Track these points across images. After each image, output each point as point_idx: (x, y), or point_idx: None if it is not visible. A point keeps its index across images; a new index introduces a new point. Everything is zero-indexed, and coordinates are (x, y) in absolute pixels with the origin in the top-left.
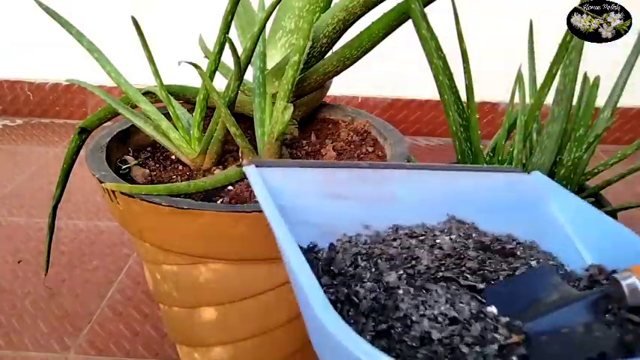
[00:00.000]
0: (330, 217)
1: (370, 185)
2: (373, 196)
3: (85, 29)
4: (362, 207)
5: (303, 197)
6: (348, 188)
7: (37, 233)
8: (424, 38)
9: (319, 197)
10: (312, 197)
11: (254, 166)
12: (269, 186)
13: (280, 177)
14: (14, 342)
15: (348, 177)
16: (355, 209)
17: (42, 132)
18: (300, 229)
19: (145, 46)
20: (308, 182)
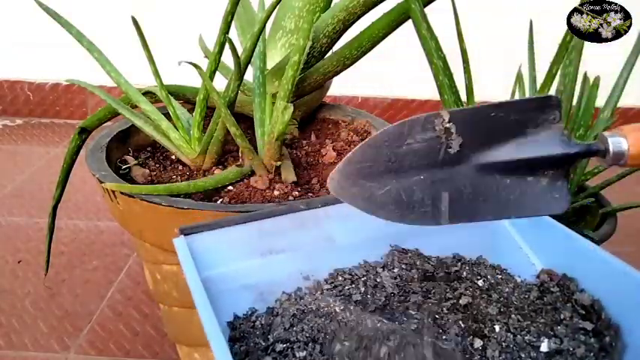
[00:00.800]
0: (268, 275)
1: (308, 230)
2: (311, 242)
3: (85, 29)
4: (300, 257)
5: (237, 260)
6: (284, 239)
7: (37, 233)
8: (424, 38)
9: (254, 257)
10: (247, 258)
11: (182, 237)
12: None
13: (212, 241)
14: (14, 342)
15: (284, 225)
16: (293, 261)
17: (42, 132)
18: (237, 296)
19: (145, 46)
20: (242, 240)
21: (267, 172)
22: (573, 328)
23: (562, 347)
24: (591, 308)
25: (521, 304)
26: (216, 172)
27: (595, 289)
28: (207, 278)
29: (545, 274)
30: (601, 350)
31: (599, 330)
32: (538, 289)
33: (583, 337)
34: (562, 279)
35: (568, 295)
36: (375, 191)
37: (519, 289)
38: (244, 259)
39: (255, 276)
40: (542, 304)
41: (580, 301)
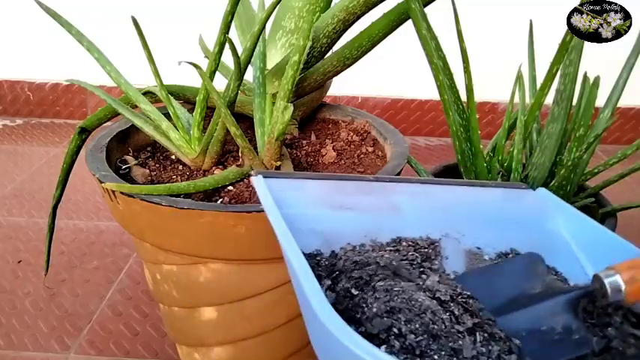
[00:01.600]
0: (335, 226)
1: (374, 197)
2: (377, 207)
3: (85, 29)
4: (366, 218)
5: (308, 207)
6: (352, 199)
7: (37, 233)
8: (424, 38)
9: (324, 207)
10: (317, 207)
11: (261, 177)
12: (275, 195)
13: (286, 187)
14: (14, 342)
15: (353, 189)
16: (359, 220)
17: (42, 132)
18: (305, 237)
19: (145, 46)
20: (313, 193)
21: None
22: (623, 333)
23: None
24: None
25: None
26: (216, 172)
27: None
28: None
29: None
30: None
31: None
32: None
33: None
34: None
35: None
36: None
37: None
38: (315, 207)
39: (324, 224)
40: (593, 307)
41: (632, 309)
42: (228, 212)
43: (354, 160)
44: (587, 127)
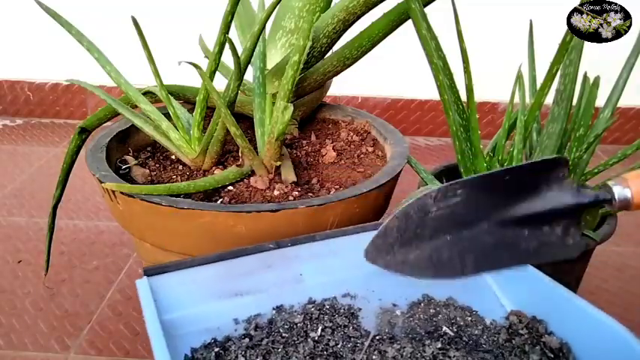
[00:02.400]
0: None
1: (275, 270)
2: (279, 283)
3: (85, 29)
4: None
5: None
6: (250, 279)
7: (37, 233)
8: (424, 38)
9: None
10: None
11: (145, 279)
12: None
13: (176, 282)
14: (14, 342)
15: (253, 263)
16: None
17: (42, 132)
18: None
19: (145, 46)
20: (207, 282)
21: (267, 172)
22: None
23: None
24: (560, 352)
25: (490, 347)
26: (216, 172)
27: (563, 332)
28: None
29: (514, 316)
30: None
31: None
32: (507, 332)
33: None
34: (531, 321)
35: (537, 337)
36: (407, 256)
37: (488, 331)
38: (208, 302)
39: (219, 319)
40: (511, 346)
41: (548, 343)
42: (228, 212)
43: (354, 160)
44: (587, 127)
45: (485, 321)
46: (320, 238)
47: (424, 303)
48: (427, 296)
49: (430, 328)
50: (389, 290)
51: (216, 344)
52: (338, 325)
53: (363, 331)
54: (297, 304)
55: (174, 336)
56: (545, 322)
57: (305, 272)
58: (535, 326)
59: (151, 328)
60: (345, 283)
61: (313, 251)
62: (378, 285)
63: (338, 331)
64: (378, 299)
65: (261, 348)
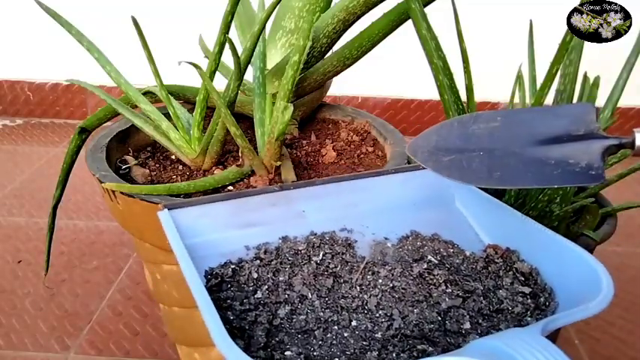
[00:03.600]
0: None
1: (279, 208)
2: (282, 218)
3: (85, 29)
4: (271, 230)
5: (215, 232)
6: (257, 214)
7: (37, 233)
8: (424, 38)
9: (230, 229)
10: (224, 230)
11: (166, 210)
12: (183, 226)
13: (193, 215)
14: (14, 342)
15: (259, 202)
16: (265, 233)
17: (42, 132)
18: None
19: (145, 46)
20: (219, 215)
21: (267, 172)
22: (513, 292)
23: (502, 307)
24: (529, 275)
25: (468, 272)
26: (216, 172)
27: (533, 259)
28: (187, 245)
29: (490, 249)
30: (536, 308)
31: (535, 292)
32: (484, 261)
33: (521, 299)
34: (505, 252)
35: (510, 264)
36: (442, 158)
37: (468, 260)
38: (221, 231)
39: (232, 245)
40: (487, 272)
41: (520, 269)
42: None
43: (354, 160)
44: None
45: (465, 252)
46: (319, 183)
47: (412, 237)
48: (415, 232)
49: (417, 257)
50: (381, 227)
51: (232, 263)
52: (337, 252)
53: (358, 258)
54: (300, 235)
55: (194, 257)
56: (518, 252)
57: (306, 209)
58: (509, 255)
59: (175, 247)
60: (343, 220)
61: (314, 193)
62: (371, 222)
63: (337, 257)
64: (372, 233)
65: (271, 267)
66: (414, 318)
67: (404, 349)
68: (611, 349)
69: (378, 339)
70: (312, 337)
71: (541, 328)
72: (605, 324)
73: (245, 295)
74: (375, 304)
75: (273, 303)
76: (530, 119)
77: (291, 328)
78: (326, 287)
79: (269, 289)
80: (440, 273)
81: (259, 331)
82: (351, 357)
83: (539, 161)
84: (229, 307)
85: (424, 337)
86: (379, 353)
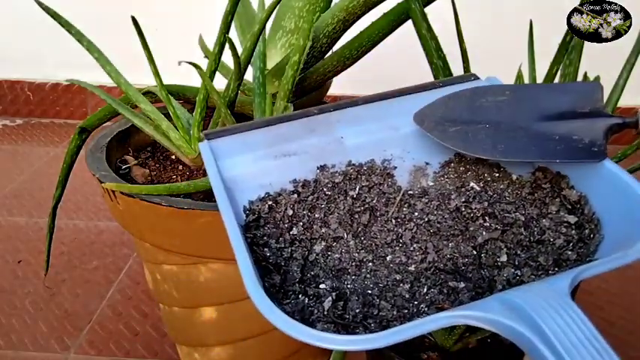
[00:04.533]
0: (280, 175)
1: (318, 135)
2: (321, 146)
3: (85, 29)
4: (310, 159)
5: (253, 163)
6: (295, 143)
7: (37, 233)
8: (424, 38)
9: (268, 159)
10: (262, 160)
11: (206, 142)
12: (222, 157)
13: (232, 145)
14: (14, 342)
15: (298, 128)
16: (304, 163)
17: (42, 132)
18: (252, 193)
19: (145, 46)
20: (258, 145)
21: None
22: (557, 222)
23: (544, 238)
24: (577, 203)
25: (513, 199)
26: None
27: (583, 187)
28: (227, 178)
29: (539, 172)
30: (579, 241)
31: (581, 223)
32: (531, 186)
33: (565, 230)
34: (555, 176)
35: (558, 191)
36: (448, 128)
37: (513, 185)
38: (259, 162)
39: (270, 176)
40: (533, 199)
41: (568, 196)
42: None
43: None
44: None
45: (512, 176)
46: (362, 102)
47: (455, 162)
48: (459, 155)
49: (458, 184)
50: (423, 150)
51: (269, 198)
52: (374, 183)
53: (396, 187)
54: (339, 163)
55: (233, 190)
56: (568, 178)
57: (345, 135)
58: (558, 180)
59: (214, 184)
60: (382, 144)
61: (354, 115)
62: (413, 146)
63: (374, 189)
64: (412, 158)
65: (307, 203)
66: (449, 252)
67: (435, 284)
68: None
69: (412, 272)
70: (346, 273)
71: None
72: (606, 324)
73: (280, 233)
74: (409, 237)
75: (309, 239)
76: (537, 95)
77: (325, 264)
78: (362, 224)
79: (304, 225)
80: (478, 207)
81: (295, 266)
82: (384, 289)
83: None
84: (266, 244)
85: (457, 272)
86: (411, 286)
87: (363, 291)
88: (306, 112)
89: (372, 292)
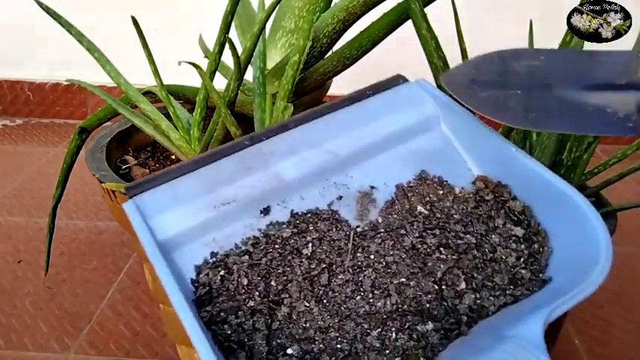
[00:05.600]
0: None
1: (254, 173)
2: (260, 185)
3: (85, 29)
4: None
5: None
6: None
7: (37, 233)
8: (424, 38)
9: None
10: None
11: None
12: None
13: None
14: (14, 342)
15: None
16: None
17: (42, 132)
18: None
19: (145, 46)
20: (192, 194)
21: None
22: (505, 236)
23: (496, 256)
24: (522, 214)
25: (460, 216)
26: None
27: (525, 197)
28: (164, 241)
29: (480, 182)
30: (530, 256)
31: (528, 236)
32: (475, 199)
33: (514, 245)
34: (496, 186)
35: (502, 202)
36: (479, 93)
37: (458, 201)
38: (198, 215)
39: (213, 231)
40: (479, 214)
41: (512, 207)
42: None
43: None
44: None
45: (455, 190)
46: (293, 125)
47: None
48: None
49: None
50: (365, 173)
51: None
52: (323, 231)
53: (345, 230)
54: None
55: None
56: (509, 187)
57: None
58: (500, 191)
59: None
60: (324, 172)
61: (289, 143)
62: (355, 171)
63: (325, 240)
64: (356, 184)
65: (261, 268)
66: (411, 292)
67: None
68: (611, 349)
69: (378, 318)
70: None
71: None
72: (605, 324)
73: (238, 306)
74: (369, 284)
75: (269, 307)
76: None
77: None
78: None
79: (262, 294)
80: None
81: (259, 339)
82: (353, 342)
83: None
84: (224, 321)
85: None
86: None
87: (333, 349)
88: (237, 144)
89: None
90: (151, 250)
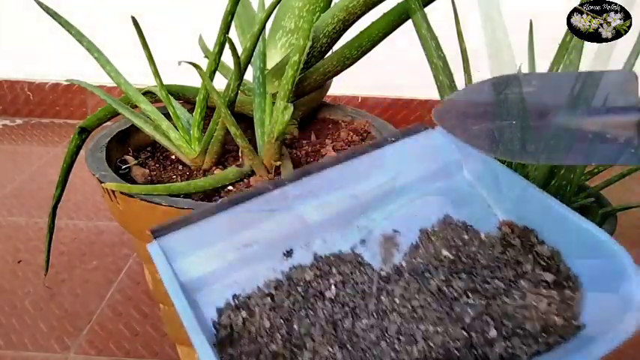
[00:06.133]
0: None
1: (277, 215)
2: (283, 228)
3: (85, 29)
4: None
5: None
6: (256, 229)
7: (37, 233)
8: (424, 38)
9: (230, 252)
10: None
11: (155, 243)
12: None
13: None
14: (14, 342)
15: (253, 212)
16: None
17: (42, 132)
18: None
19: (145, 46)
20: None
21: (267, 172)
22: (535, 281)
23: (526, 302)
24: (551, 259)
25: (487, 262)
26: (216, 172)
27: (553, 241)
28: (187, 282)
29: (506, 226)
30: (562, 302)
31: (559, 282)
32: (501, 244)
33: (545, 291)
34: (523, 231)
35: (529, 247)
36: (471, 126)
37: (484, 246)
38: (220, 257)
39: (235, 273)
40: (506, 259)
41: (540, 252)
42: None
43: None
44: None
45: (480, 235)
46: (315, 171)
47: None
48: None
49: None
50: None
51: (240, 306)
52: (346, 274)
53: (369, 274)
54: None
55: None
56: (536, 231)
57: (305, 212)
58: (527, 235)
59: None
60: (345, 216)
61: (310, 187)
62: (377, 213)
63: (348, 284)
64: (380, 227)
65: (284, 310)
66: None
67: None
68: None
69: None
70: None
71: None
72: None
73: (259, 349)
74: (395, 330)
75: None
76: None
77: None
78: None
79: (284, 338)
80: (459, 285)
81: None
82: None
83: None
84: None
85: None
86: None
87: None
88: (261, 188)
89: None
90: (173, 291)
